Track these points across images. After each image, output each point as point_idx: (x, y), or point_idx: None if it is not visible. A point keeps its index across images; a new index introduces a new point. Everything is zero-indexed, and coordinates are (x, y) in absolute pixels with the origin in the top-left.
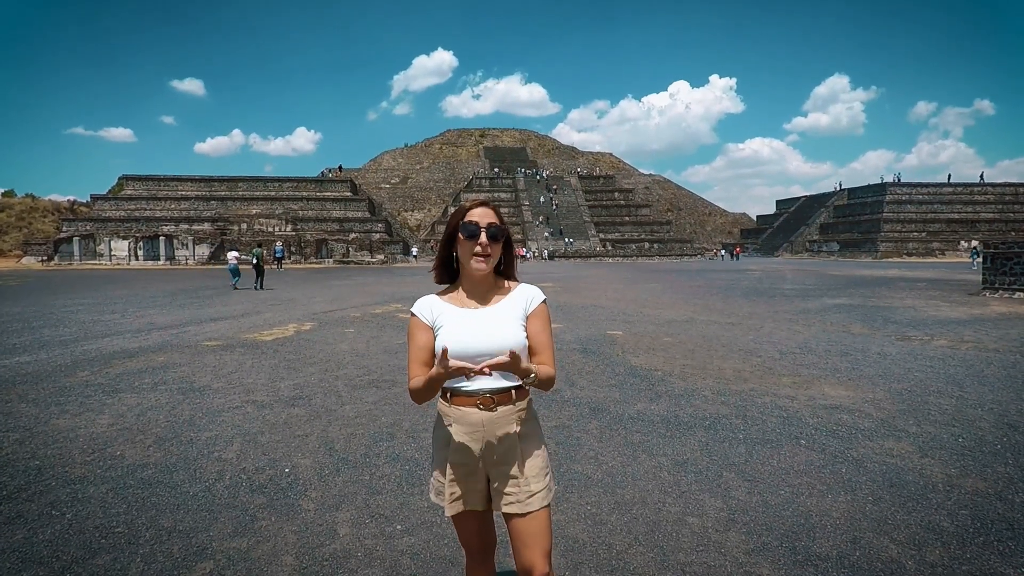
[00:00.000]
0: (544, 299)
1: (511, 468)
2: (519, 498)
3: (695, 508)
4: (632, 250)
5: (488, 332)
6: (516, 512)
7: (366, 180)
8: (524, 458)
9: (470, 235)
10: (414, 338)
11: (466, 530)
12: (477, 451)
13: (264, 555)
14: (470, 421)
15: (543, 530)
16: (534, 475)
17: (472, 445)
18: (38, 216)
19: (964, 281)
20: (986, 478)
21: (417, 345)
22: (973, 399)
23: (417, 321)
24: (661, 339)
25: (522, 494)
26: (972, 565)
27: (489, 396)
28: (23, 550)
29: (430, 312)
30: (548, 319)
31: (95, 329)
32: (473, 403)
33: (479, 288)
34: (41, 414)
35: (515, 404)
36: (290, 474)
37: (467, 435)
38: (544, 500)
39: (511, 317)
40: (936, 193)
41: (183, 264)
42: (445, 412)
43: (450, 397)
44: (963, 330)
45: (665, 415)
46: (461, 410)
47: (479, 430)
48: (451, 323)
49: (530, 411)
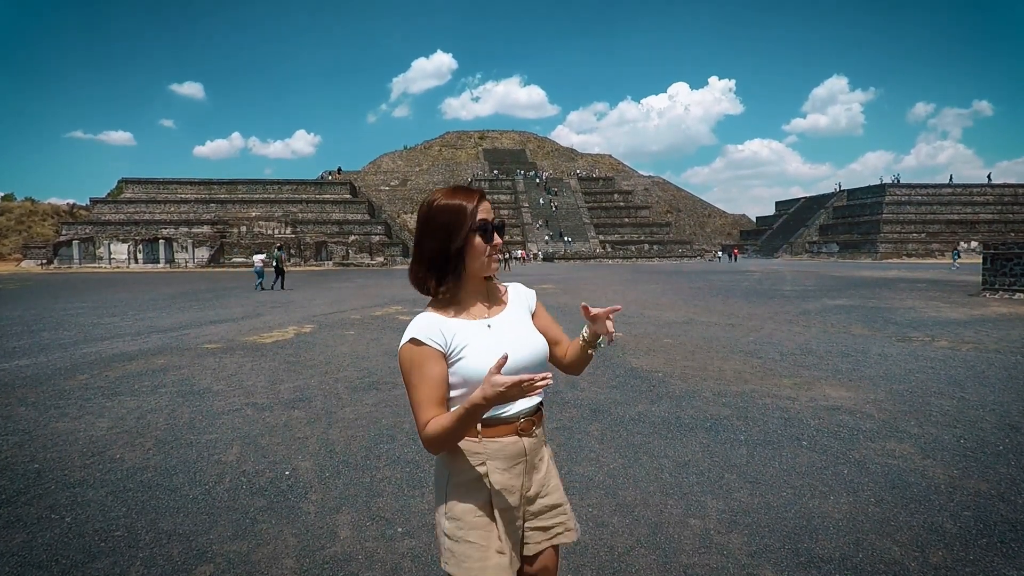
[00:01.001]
0: (535, 292)
1: (552, 496)
2: (567, 525)
3: (697, 510)
4: (632, 252)
5: (522, 341)
6: (566, 542)
7: (365, 182)
8: (558, 480)
9: (487, 234)
10: (425, 372)
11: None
12: (519, 489)
13: (264, 558)
14: (511, 454)
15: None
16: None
17: (515, 483)
18: (37, 220)
19: (964, 282)
20: (988, 479)
21: (430, 381)
22: (975, 400)
23: (427, 351)
24: (661, 340)
25: (569, 520)
26: (975, 567)
27: (527, 419)
28: (22, 554)
29: (441, 335)
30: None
31: (95, 332)
32: (512, 430)
33: (477, 294)
34: (40, 417)
35: (543, 422)
36: (290, 476)
37: (508, 472)
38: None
39: (526, 321)
40: (935, 194)
41: (183, 267)
42: (474, 451)
43: (480, 429)
44: (964, 331)
45: (666, 416)
46: (499, 442)
47: (521, 462)
48: (478, 340)
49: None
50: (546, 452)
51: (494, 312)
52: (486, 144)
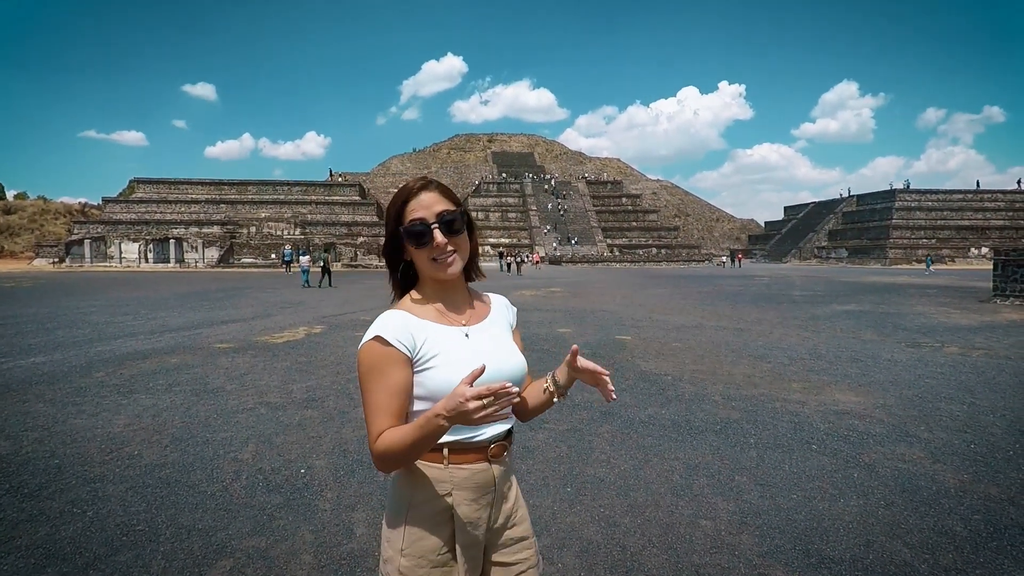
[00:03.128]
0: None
1: (520, 528)
2: (531, 563)
3: (708, 511)
4: (639, 255)
5: (502, 357)
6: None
7: (374, 184)
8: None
9: (417, 237)
10: (385, 377)
11: None
12: (485, 523)
13: (283, 553)
14: (480, 482)
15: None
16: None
17: (482, 515)
18: (50, 218)
19: (975, 288)
20: (999, 484)
21: (390, 388)
22: (985, 406)
23: (392, 353)
24: (670, 344)
25: (533, 556)
26: (985, 569)
27: (500, 444)
28: (46, 546)
29: (411, 338)
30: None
31: (108, 331)
32: (482, 457)
33: (455, 295)
34: (58, 414)
35: (511, 447)
36: (306, 475)
37: (475, 504)
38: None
39: (507, 336)
40: (946, 200)
41: (193, 267)
42: (439, 479)
43: (447, 455)
44: (974, 337)
45: (676, 419)
46: (468, 469)
47: (490, 492)
48: (452, 349)
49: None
50: (514, 480)
51: (473, 320)
52: (495, 147)
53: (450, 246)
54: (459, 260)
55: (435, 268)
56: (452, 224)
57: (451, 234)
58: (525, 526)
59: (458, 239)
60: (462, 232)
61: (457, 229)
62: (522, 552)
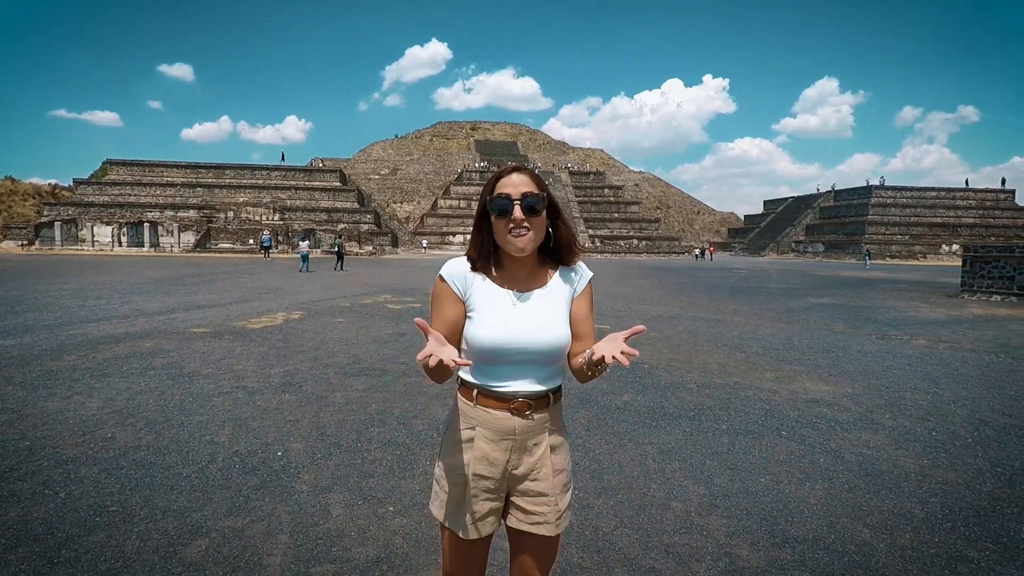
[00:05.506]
0: (591, 276)
1: (541, 484)
2: (548, 518)
3: (679, 493)
4: (621, 247)
5: (534, 326)
6: (543, 534)
7: (355, 170)
8: (555, 472)
9: (500, 211)
10: (439, 308)
11: (471, 556)
12: (503, 463)
13: (259, 533)
14: (500, 428)
15: (556, 550)
16: (563, 491)
17: (499, 456)
18: (18, 200)
19: (945, 284)
20: (956, 469)
21: (442, 316)
22: (948, 396)
23: (446, 288)
24: (648, 334)
25: (551, 514)
26: (940, 548)
27: (525, 400)
28: (18, 527)
29: (464, 281)
30: (592, 299)
31: (80, 314)
32: (505, 407)
33: (521, 270)
34: (29, 396)
35: (551, 411)
36: (283, 457)
37: (494, 444)
38: (567, 519)
39: (557, 307)
40: (920, 197)
41: (168, 251)
42: (467, 413)
43: (475, 396)
44: (941, 330)
45: (651, 406)
46: (490, 413)
47: (509, 439)
48: (488, 307)
49: (561, 418)
50: (547, 440)
51: (530, 288)
52: (478, 135)
53: (526, 223)
54: (532, 238)
55: (509, 240)
56: (533, 206)
57: (530, 213)
58: (548, 484)
59: (535, 219)
60: (540, 214)
61: (537, 210)
62: (541, 506)
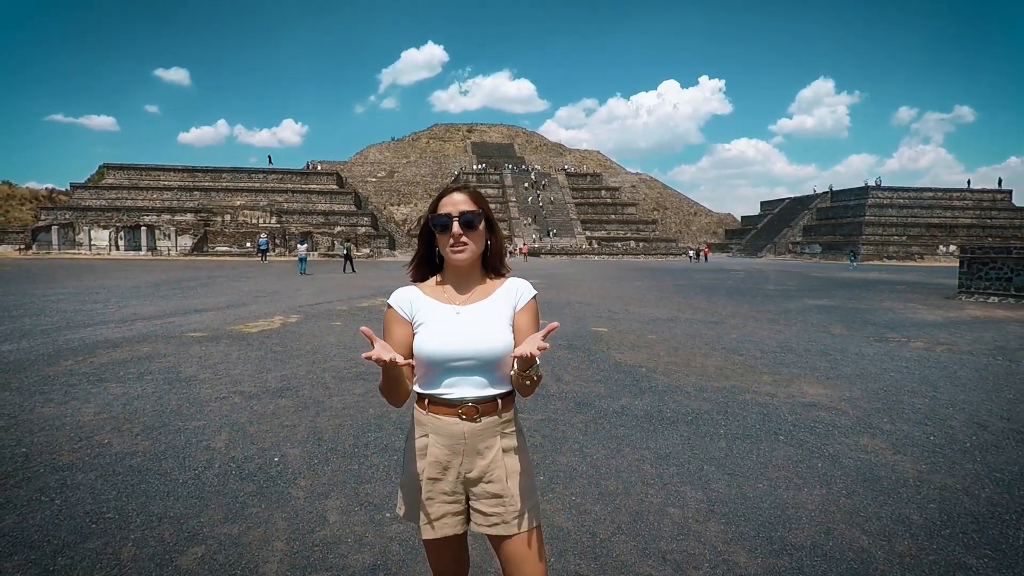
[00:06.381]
0: (535, 295)
1: (495, 486)
2: (505, 518)
3: (676, 499)
4: (618, 248)
5: (473, 333)
6: (502, 534)
7: (352, 173)
8: (509, 474)
9: (443, 227)
10: (389, 332)
11: (441, 556)
12: (456, 467)
13: (255, 540)
14: (450, 433)
15: (536, 552)
16: (520, 493)
17: (451, 460)
18: (15, 204)
19: (942, 285)
20: (955, 474)
21: (392, 340)
22: (946, 399)
23: (394, 314)
24: (645, 336)
25: (508, 514)
26: (938, 555)
27: (472, 405)
28: (14, 534)
29: (409, 306)
30: (537, 316)
31: (77, 319)
32: (454, 412)
33: (463, 282)
34: (25, 402)
35: (500, 415)
36: (279, 463)
37: (446, 448)
38: (533, 520)
39: (498, 316)
40: (917, 198)
41: (165, 255)
42: (421, 421)
43: (427, 404)
44: (939, 333)
45: (648, 410)
46: (440, 419)
47: (460, 443)
48: (432, 321)
49: (516, 422)
50: (499, 443)
51: (471, 300)
52: (474, 137)
53: (464, 238)
54: (470, 250)
55: (450, 253)
56: (470, 221)
57: (468, 228)
58: (501, 486)
59: (473, 233)
60: (477, 228)
61: (474, 225)
62: (497, 507)
